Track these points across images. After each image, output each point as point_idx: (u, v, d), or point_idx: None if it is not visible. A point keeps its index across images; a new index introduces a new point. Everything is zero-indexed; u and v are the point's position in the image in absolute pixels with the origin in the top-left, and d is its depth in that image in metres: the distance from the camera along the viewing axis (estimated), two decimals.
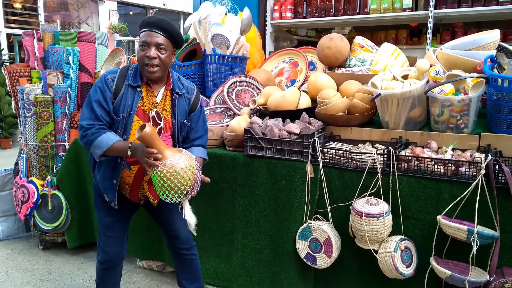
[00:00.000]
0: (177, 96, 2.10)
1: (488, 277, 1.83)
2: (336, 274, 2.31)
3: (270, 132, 2.40)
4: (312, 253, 2.28)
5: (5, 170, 3.71)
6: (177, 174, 1.83)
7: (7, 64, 8.89)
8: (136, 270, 3.12)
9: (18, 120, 3.53)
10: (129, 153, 1.90)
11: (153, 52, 1.94)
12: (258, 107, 2.84)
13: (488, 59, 2.21)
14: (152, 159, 1.83)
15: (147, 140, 1.81)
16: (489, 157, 1.88)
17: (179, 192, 1.86)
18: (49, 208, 3.16)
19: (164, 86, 2.09)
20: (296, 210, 2.36)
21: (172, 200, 1.88)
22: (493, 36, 2.44)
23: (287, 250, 2.39)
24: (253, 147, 2.45)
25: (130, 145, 1.91)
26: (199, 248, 2.37)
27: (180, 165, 1.85)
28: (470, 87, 2.20)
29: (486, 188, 1.87)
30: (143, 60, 1.97)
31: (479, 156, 1.94)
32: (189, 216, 1.95)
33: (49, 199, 3.16)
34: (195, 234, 2.02)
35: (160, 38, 1.96)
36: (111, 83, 2.00)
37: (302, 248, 2.32)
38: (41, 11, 11.05)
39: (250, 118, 2.65)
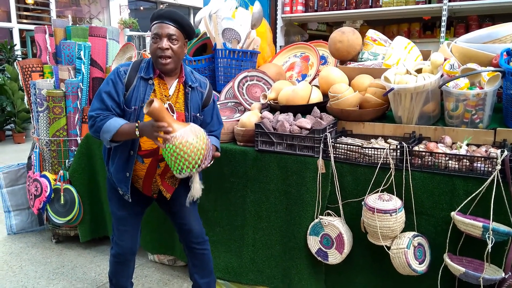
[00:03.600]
0: (190, 89, 2.10)
1: (503, 274, 1.80)
2: (348, 270, 2.29)
3: (281, 127, 2.39)
4: (323, 249, 2.27)
5: (18, 164, 3.75)
6: (189, 144, 1.82)
7: (20, 59, 8.98)
8: (148, 264, 3.14)
9: (31, 115, 3.56)
10: (137, 132, 1.89)
11: (165, 43, 1.94)
12: (268, 102, 2.83)
13: (505, 53, 2.16)
14: (162, 133, 1.82)
15: (156, 114, 1.80)
16: (505, 152, 1.84)
17: (193, 162, 1.85)
18: (62, 202, 3.20)
19: (177, 79, 2.09)
20: (307, 205, 2.34)
21: (186, 172, 1.86)
22: (509, 29, 2.38)
23: (298, 245, 2.38)
24: (264, 142, 2.43)
25: (137, 125, 1.90)
26: (209, 243, 2.37)
27: (192, 135, 1.84)
28: (485, 81, 2.15)
29: (502, 184, 1.84)
30: (156, 52, 1.97)
31: (495, 152, 1.90)
32: (197, 189, 1.95)
33: (62, 193, 3.19)
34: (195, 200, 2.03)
35: (171, 29, 1.96)
36: (124, 76, 2.01)
37: (313, 243, 2.30)
38: (52, 6, 11.13)
39: (261, 113, 2.64)
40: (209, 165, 1.97)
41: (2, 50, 8.67)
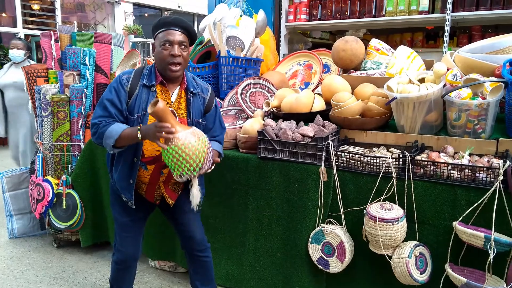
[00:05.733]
0: (191, 95, 2.11)
1: (505, 286, 1.80)
2: (349, 278, 2.28)
3: (284, 135, 2.40)
4: (324, 257, 2.26)
5: (21, 168, 3.77)
6: (191, 146, 1.83)
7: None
8: (148, 270, 3.14)
9: (35, 120, 3.58)
10: (139, 135, 1.89)
11: (177, 50, 1.97)
12: (271, 110, 2.84)
13: (507, 63, 2.17)
14: (165, 133, 1.82)
15: (160, 115, 1.81)
16: (507, 163, 1.84)
17: (194, 165, 1.86)
18: (64, 207, 3.20)
19: (179, 86, 2.10)
20: (309, 213, 2.34)
21: (187, 175, 1.87)
22: None
23: (300, 253, 2.38)
24: (266, 149, 2.44)
25: (139, 128, 1.91)
26: (211, 249, 2.37)
27: (193, 137, 1.86)
28: (488, 92, 2.16)
29: (504, 195, 1.84)
30: (167, 59, 1.97)
31: (497, 162, 1.90)
32: (196, 195, 1.95)
33: (64, 198, 3.20)
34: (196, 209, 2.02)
35: (182, 36, 1.99)
36: (126, 84, 2.02)
37: (315, 251, 2.30)
38: (58, 12, 11.20)
39: (264, 120, 2.65)
40: (209, 170, 1.97)
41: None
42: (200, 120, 2.16)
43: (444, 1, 3.70)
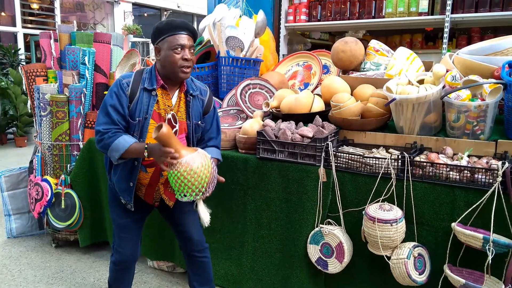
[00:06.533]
0: (191, 97, 2.11)
1: (503, 287, 1.80)
2: (348, 279, 2.29)
3: (283, 135, 2.40)
4: (323, 258, 2.27)
5: (20, 168, 3.76)
6: (193, 173, 1.85)
7: (24, 63, 9.03)
8: (147, 270, 3.13)
9: (34, 119, 3.58)
10: (146, 154, 1.91)
11: (189, 54, 1.98)
12: (271, 110, 2.84)
13: (506, 65, 2.17)
14: (169, 158, 1.84)
15: (164, 140, 1.82)
16: (506, 164, 1.85)
17: (197, 190, 1.88)
18: (62, 206, 3.20)
19: (179, 88, 2.10)
20: (308, 214, 2.34)
21: (189, 199, 1.90)
22: None
23: (298, 254, 2.38)
24: (265, 150, 2.44)
25: (146, 146, 1.92)
26: (209, 250, 2.37)
27: (197, 163, 1.87)
28: (487, 93, 2.16)
29: (502, 196, 1.84)
30: (179, 63, 1.96)
31: (496, 163, 1.91)
32: (204, 215, 1.97)
33: (63, 198, 3.20)
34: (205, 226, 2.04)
35: (191, 40, 2.00)
36: (126, 88, 2.01)
37: (314, 252, 2.30)
38: (57, 11, 11.20)
39: (263, 121, 2.65)
40: (212, 191, 2.00)
41: (6, 54, 8.73)
42: (199, 122, 2.16)
43: (443, 2, 3.71)
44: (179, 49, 1.96)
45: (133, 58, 3.53)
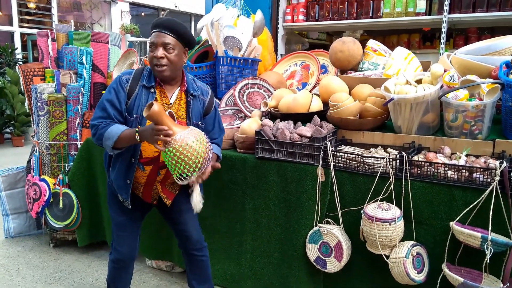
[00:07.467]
0: (191, 97, 2.11)
1: (501, 285, 1.81)
2: (346, 278, 2.29)
3: (281, 135, 2.40)
4: (322, 257, 2.27)
5: (17, 168, 3.75)
6: (189, 147, 1.83)
7: (21, 63, 9.00)
8: (146, 269, 3.13)
9: (31, 119, 3.57)
10: (137, 137, 1.90)
11: (160, 52, 1.96)
12: (269, 110, 2.84)
13: (504, 65, 2.19)
14: (162, 136, 1.82)
15: (156, 118, 1.81)
16: (504, 163, 1.86)
17: (194, 165, 1.86)
18: (60, 206, 3.19)
19: (179, 88, 2.10)
20: (306, 213, 2.35)
21: (187, 176, 1.87)
22: (509, 41, 2.41)
23: (297, 253, 2.39)
24: (264, 149, 2.45)
25: (137, 130, 1.91)
26: (208, 249, 2.37)
27: (191, 138, 1.86)
28: (485, 93, 2.17)
29: (500, 195, 1.85)
30: (152, 61, 2.00)
31: (494, 163, 1.92)
32: (197, 200, 1.96)
33: (61, 198, 3.19)
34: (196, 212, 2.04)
35: (167, 38, 1.97)
36: (126, 84, 2.03)
37: (312, 251, 2.31)
38: (54, 11, 11.17)
39: (261, 121, 2.65)
40: (209, 174, 1.99)
41: (3, 53, 8.69)
42: (199, 122, 2.16)
43: (441, 3, 3.72)
44: (152, 47, 1.99)
45: (131, 58, 3.53)
